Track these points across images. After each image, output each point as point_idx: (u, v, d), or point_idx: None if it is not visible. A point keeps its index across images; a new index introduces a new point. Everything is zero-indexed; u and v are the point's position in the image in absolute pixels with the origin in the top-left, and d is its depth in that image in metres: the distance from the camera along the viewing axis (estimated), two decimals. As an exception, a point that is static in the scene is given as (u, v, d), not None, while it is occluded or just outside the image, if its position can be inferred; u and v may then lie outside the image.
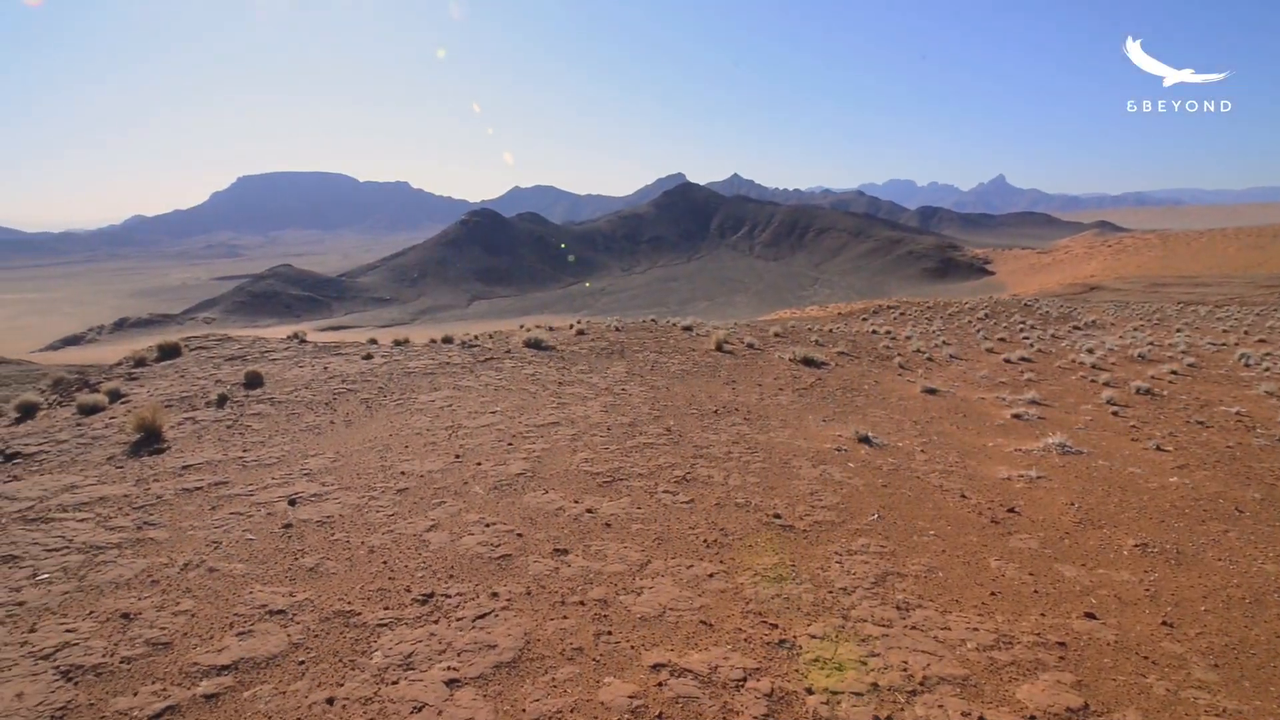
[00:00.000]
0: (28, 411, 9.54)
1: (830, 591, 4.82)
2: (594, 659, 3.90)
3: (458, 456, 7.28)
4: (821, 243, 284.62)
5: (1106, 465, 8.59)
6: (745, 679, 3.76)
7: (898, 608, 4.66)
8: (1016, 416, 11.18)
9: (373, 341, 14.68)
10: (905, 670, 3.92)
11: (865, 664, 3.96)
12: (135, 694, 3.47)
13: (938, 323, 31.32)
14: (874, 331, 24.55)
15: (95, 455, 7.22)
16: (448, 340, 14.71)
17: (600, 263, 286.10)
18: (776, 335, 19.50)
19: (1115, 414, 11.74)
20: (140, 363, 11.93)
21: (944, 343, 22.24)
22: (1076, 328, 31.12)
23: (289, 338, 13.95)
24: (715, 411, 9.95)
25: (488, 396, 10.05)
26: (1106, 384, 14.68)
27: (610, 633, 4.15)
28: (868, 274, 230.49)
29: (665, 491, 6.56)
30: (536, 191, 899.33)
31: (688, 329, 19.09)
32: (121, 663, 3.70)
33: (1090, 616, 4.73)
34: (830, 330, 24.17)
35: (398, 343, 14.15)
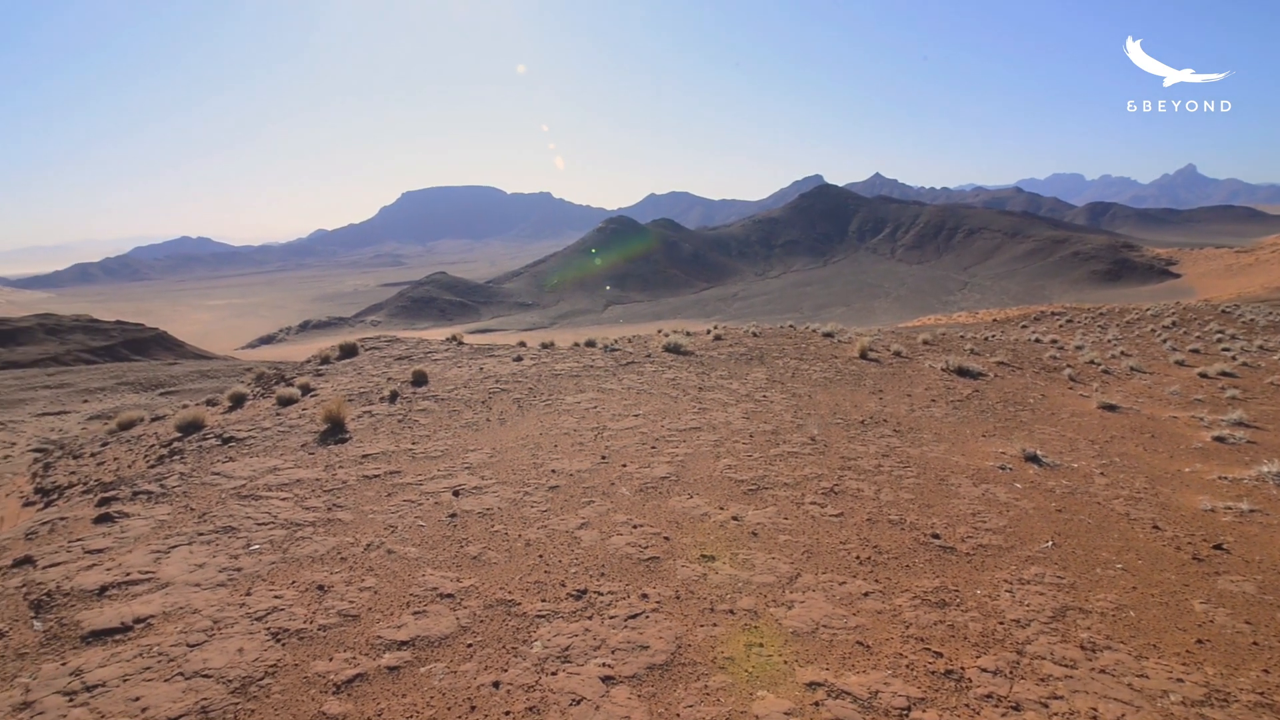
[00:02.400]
0: (238, 401, 10.96)
1: (1001, 622, 4.45)
2: (746, 670, 3.84)
3: (604, 457, 7.49)
4: (972, 244, 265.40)
5: (1343, 501, 7.30)
6: (909, 709, 3.55)
7: (1082, 647, 4.21)
8: (1219, 439, 9.80)
9: (522, 344, 15.47)
10: (1095, 718, 3.53)
11: (1046, 706, 3.62)
12: (330, 659, 3.86)
13: (1113, 331, 28.14)
14: (1037, 340, 22.49)
15: (291, 442, 8.15)
16: (590, 344, 15.19)
17: (733, 268, 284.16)
18: (925, 343, 18.38)
19: (1352, 441, 9.97)
20: (325, 360, 13.35)
21: (1123, 353, 19.96)
22: (1293, 338, 26.75)
23: (448, 340, 15.02)
24: (861, 422, 9.53)
25: (630, 399, 10.26)
26: (1338, 405, 12.51)
27: (762, 645, 4.08)
28: (1025, 277, 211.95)
29: (813, 503, 6.36)
30: (671, 198, 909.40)
31: (829, 335, 18.47)
32: (319, 630, 4.14)
33: (1332, 679, 4.03)
34: (986, 338, 22.43)
35: (544, 346, 14.81)
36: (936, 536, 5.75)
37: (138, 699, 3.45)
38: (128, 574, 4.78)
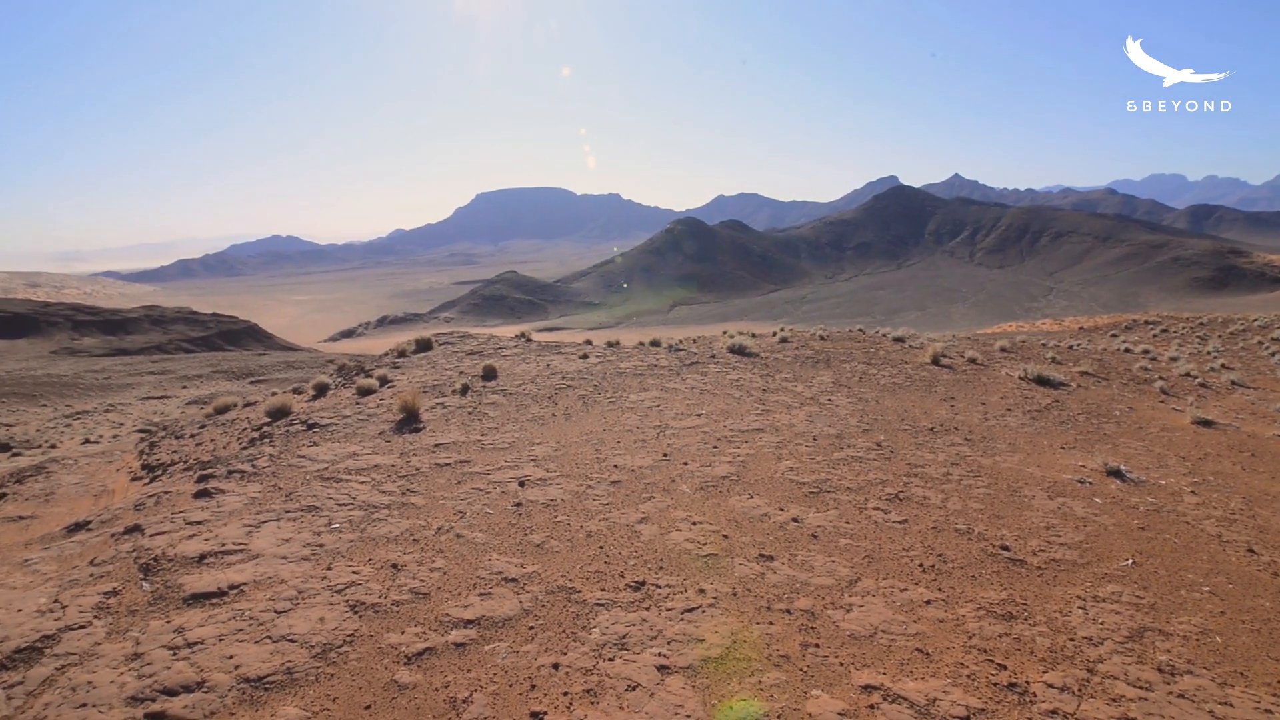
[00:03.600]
0: (321, 390, 11.59)
1: (1071, 639, 4.30)
2: (801, 669, 3.85)
3: (665, 455, 7.57)
4: (1058, 248, 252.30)
5: None
6: (969, 719, 3.49)
7: (1160, 670, 4.02)
8: (1331, 461, 9.06)
9: (588, 343, 15.74)
10: (1171, 742, 3.38)
11: (1117, 726, 3.48)
12: (403, 633, 4.09)
13: (1214, 342, 26.25)
14: (1127, 350, 21.25)
15: (370, 430, 8.59)
16: (655, 344, 15.31)
17: (802, 270, 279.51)
18: (1003, 350, 17.65)
19: None
20: (401, 354, 13.95)
21: (1224, 366, 18.64)
22: None
23: (517, 337, 15.44)
24: (931, 429, 9.29)
25: (693, 399, 10.31)
26: None
27: (818, 645, 4.08)
28: (1117, 284, 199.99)
29: (876, 508, 6.27)
30: (740, 199, 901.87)
31: (899, 340, 18.00)
32: (392, 604, 4.38)
33: None
34: (1070, 347, 21.35)
35: (610, 344, 15.03)
36: (1006, 548, 5.57)
37: (231, 657, 3.76)
38: (223, 545, 5.18)
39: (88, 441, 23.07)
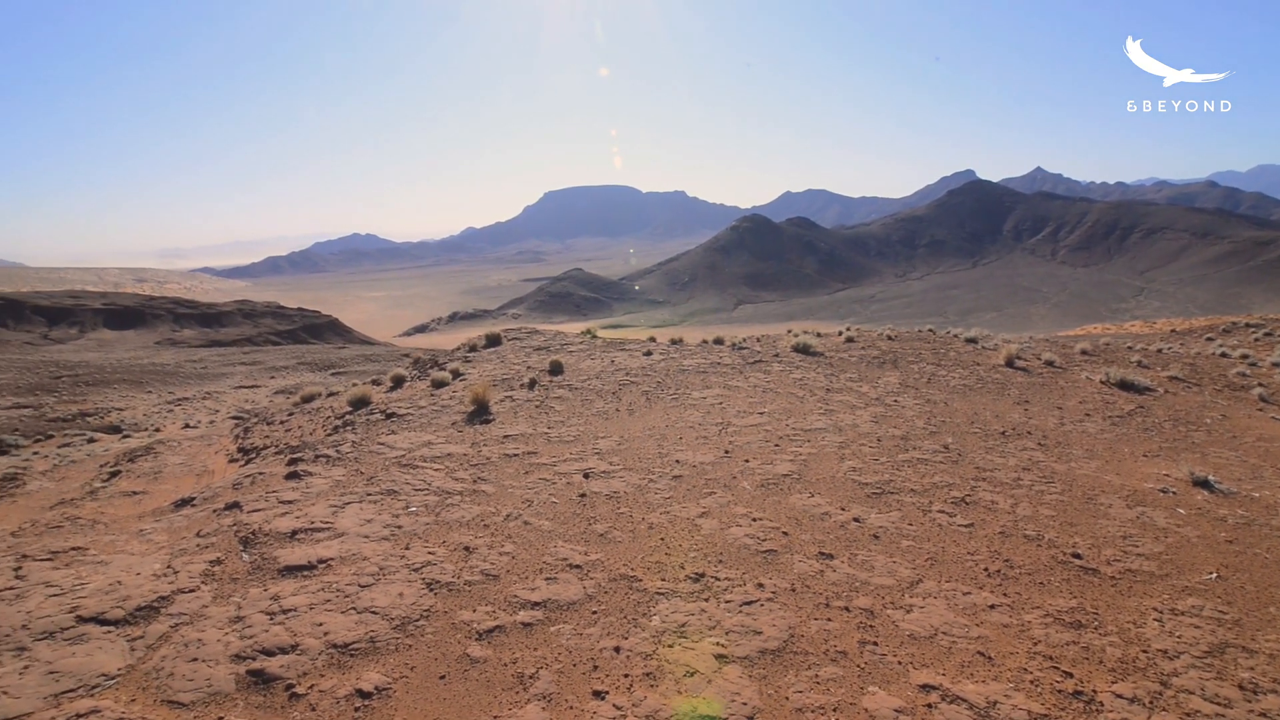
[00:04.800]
0: (398, 382, 12.18)
1: (1145, 650, 4.17)
2: (858, 665, 3.89)
3: (727, 452, 7.65)
4: (1151, 245, 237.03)
5: None
6: (1030, 722, 3.46)
7: (1241, 687, 3.87)
8: None
9: (651, 340, 15.91)
10: (1248, 760, 3.27)
11: (1190, 740, 3.39)
12: (474, 610, 4.34)
13: (1328, 348, 24.22)
14: (1223, 354, 19.90)
15: (443, 420, 9.00)
16: (718, 341, 15.36)
17: (871, 268, 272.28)
18: (1084, 353, 16.85)
19: None
20: (473, 349, 14.48)
21: (1337, 374, 17.20)
22: None
23: (583, 333, 15.77)
24: (1002, 433, 9.02)
25: (755, 398, 10.33)
26: None
27: (876, 644, 4.10)
28: (1217, 284, 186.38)
29: (940, 511, 6.18)
30: (808, 195, 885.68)
31: (971, 341, 17.42)
32: (465, 584, 4.65)
33: None
34: (1159, 350, 20.17)
35: (673, 342, 15.16)
36: (1078, 556, 5.42)
37: (321, 624, 4.09)
38: (312, 522, 5.58)
39: (187, 426, 24.84)
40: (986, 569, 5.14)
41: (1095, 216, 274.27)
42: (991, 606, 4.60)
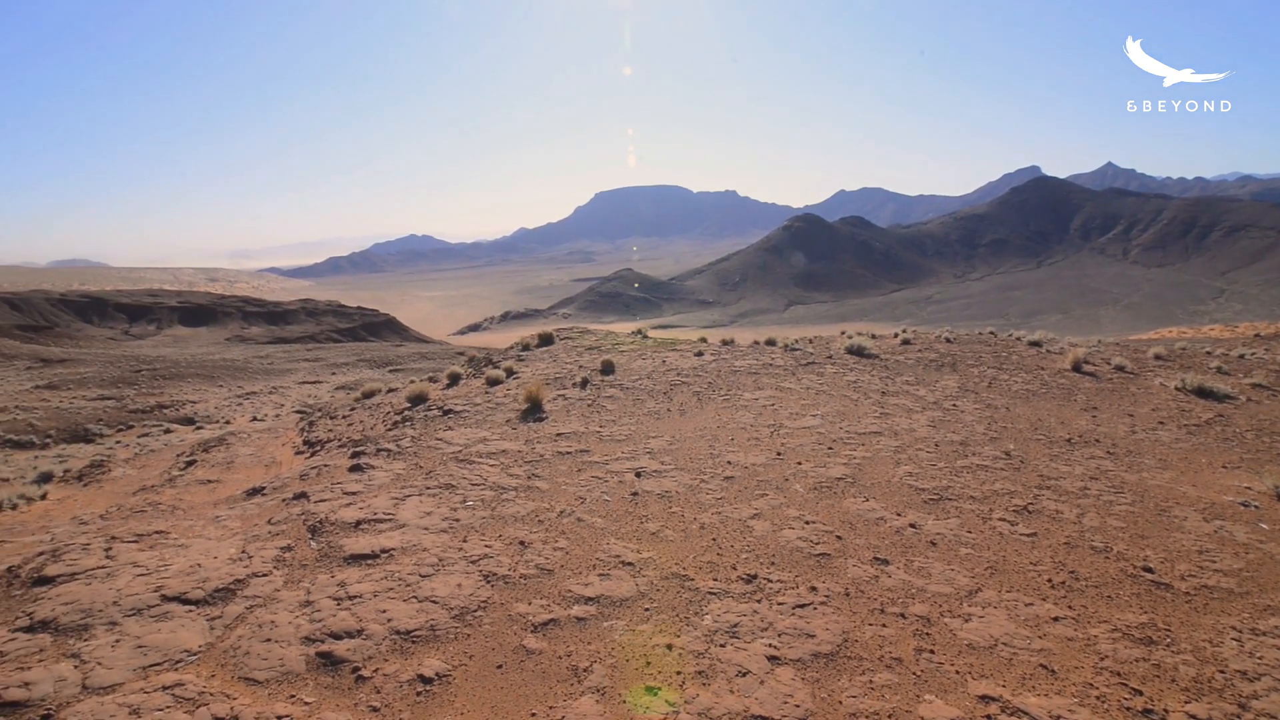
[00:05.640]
0: (454, 380, 12.49)
1: (1222, 671, 3.98)
2: (914, 673, 3.83)
3: (779, 454, 7.60)
4: (1233, 244, 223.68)
5: None
6: (1096, 738, 3.35)
7: (1330, 713, 3.65)
8: None
9: (703, 340, 15.88)
10: (1337, 790, 3.09)
11: (1272, 766, 3.22)
12: (529, 604, 4.44)
13: None
14: (1316, 361, 18.65)
15: (498, 417, 9.20)
16: (770, 343, 15.23)
17: (928, 268, 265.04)
18: (1157, 358, 16.05)
19: None
20: (526, 348, 14.74)
21: None
22: None
23: (634, 333, 15.86)
24: (1068, 440, 8.69)
25: (808, 400, 10.22)
26: None
27: (933, 651, 4.03)
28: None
29: (1001, 519, 6.01)
30: (863, 194, 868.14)
31: (1035, 344, 16.80)
32: (520, 578, 4.76)
33: None
34: (1241, 356, 19.05)
35: (725, 342, 15.10)
36: (1149, 570, 5.19)
37: (384, 611, 4.25)
38: (375, 513, 5.80)
39: (255, 419, 26.00)
40: (1050, 580, 4.98)
41: (1172, 214, 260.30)
42: (1055, 619, 4.46)
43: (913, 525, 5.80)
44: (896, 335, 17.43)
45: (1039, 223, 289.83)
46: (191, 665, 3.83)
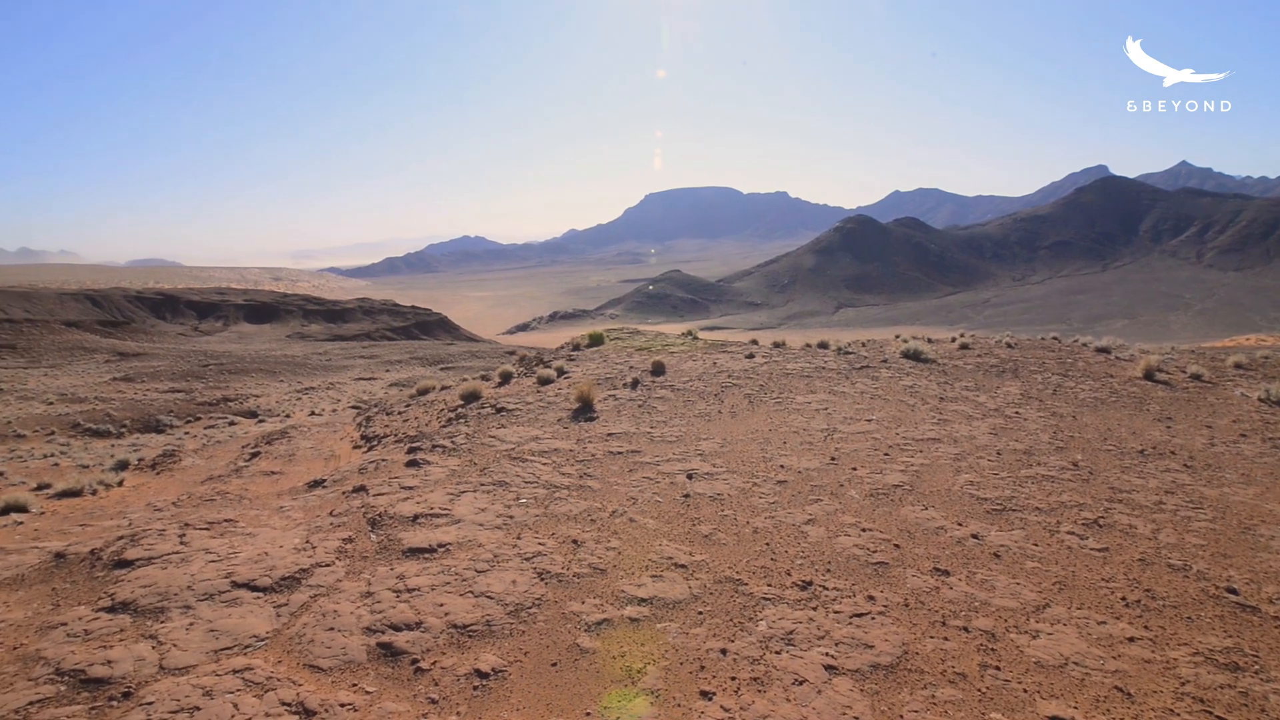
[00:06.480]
0: (506, 378, 12.66)
1: (1318, 702, 3.71)
2: (979, 689, 3.70)
3: (833, 459, 7.46)
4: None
5: None
6: (1178, 768, 3.17)
7: None
8: None
9: (754, 342, 15.74)
10: None
11: (1377, 808, 2.99)
12: (583, 602, 4.45)
13: None
14: None
15: (549, 416, 9.28)
16: (823, 345, 14.98)
17: (985, 271, 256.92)
18: (1238, 366, 15.18)
19: None
20: (576, 347, 14.85)
21: None
22: None
23: (684, 334, 15.81)
24: (1141, 451, 8.29)
25: (863, 404, 10.01)
26: None
27: (999, 668, 3.88)
28: None
29: (1070, 533, 5.76)
30: (918, 195, 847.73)
31: (1103, 350, 16.10)
32: (574, 576, 4.78)
33: None
34: (1333, 366, 17.85)
35: (776, 345, 14.93)
36: (1233, 591, 4.89)
37: (442, 605, 4.33)
38: (431, 508, 5.91)
39: (313, 413, 26.90)
40: (1124, 598, 4.74)
41: (1251, 215, 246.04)
42: (1130, 639, 4.24)
43: (975, 536, 5.61)
44: (954, 340, 16.93)
45: (1105, 224, 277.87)
46: (260, 650, 3.97)
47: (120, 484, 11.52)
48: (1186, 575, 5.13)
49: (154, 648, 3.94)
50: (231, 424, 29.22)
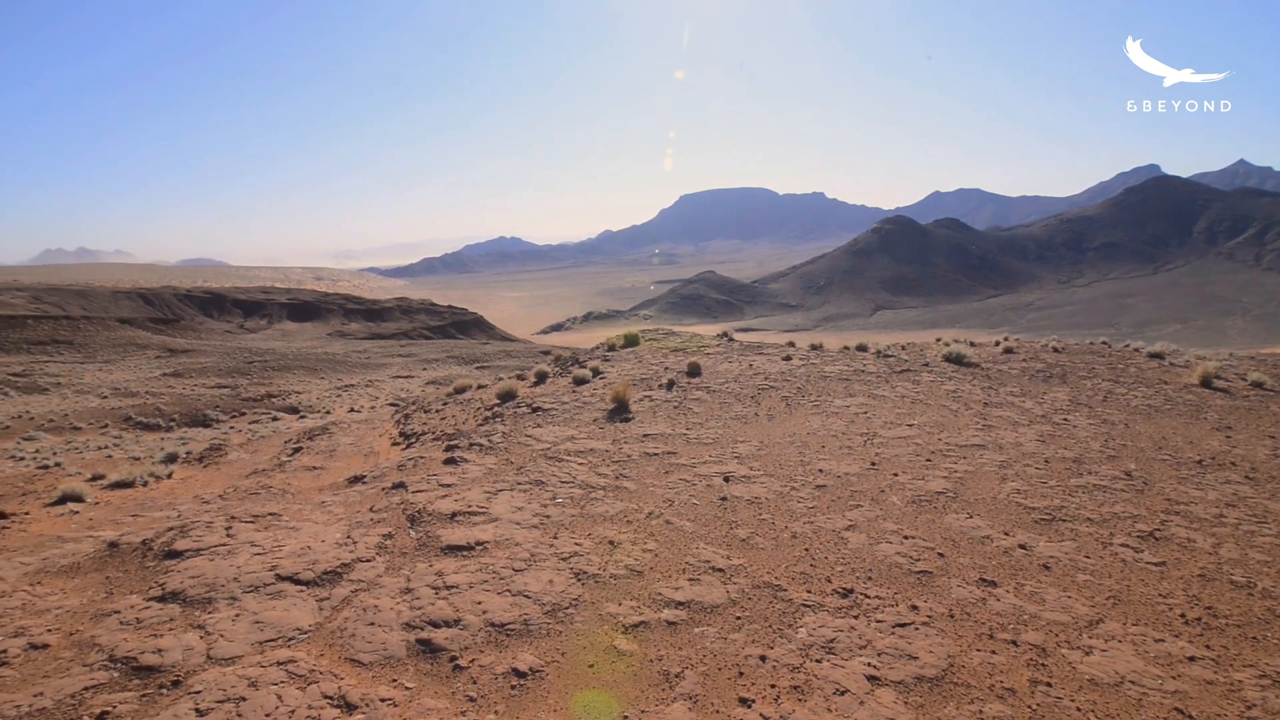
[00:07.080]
0: (541, 378, 12.73)
1: (1399, 731, 3.50)
2: (1029, 706, 3.56)
3: (873, 464, 7.31)
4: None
5: None
6: (1247, 796, 3.00)
7: None
8: None
9: (790, 344, 15.56)
10: None
11: None
12: (620, 604, 4.43)
13: None
14: None
15: (585, 416, 9.29)
16: (861, 348, 14.74)
17: (1028, 273, 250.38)
18: (1303, 375, 14.48)
19: None
20: (611, 348, 14.86)
21: None
22: None
23: (719, 335, 15.71)
24: (1199, 462, 7.95)
25: (903, 408, 9.80)
26: None
27: (1050, 685, 3.74)
28: None
29: (1124, 545, 5.54)
30: (959, 195, 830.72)
31: (1156, 356, 15.52)
32: (610, 577, 4.76)
33: None
34: (1406, 375, 16.93)
35: (813, 347, 14.74)
36: (1303, 611, 4.64)
37: (480, 603, 4.34)
38: (469, 506, 5.95)
39: (353, 410, 27.44)
40: (1183, 615, 4.53)
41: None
42: (1191, 658, 4.05)
43: (1023, 546, 5.43)
44: (997, 343, 16.50)
45: (1157, 225, 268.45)
46: (302, 643, 4.03)
47: (169, 476, 11.88)
48: (1251, 593, 4.88)
49: (202, 637, 4.03)
50: (275, 419, 30.00)
